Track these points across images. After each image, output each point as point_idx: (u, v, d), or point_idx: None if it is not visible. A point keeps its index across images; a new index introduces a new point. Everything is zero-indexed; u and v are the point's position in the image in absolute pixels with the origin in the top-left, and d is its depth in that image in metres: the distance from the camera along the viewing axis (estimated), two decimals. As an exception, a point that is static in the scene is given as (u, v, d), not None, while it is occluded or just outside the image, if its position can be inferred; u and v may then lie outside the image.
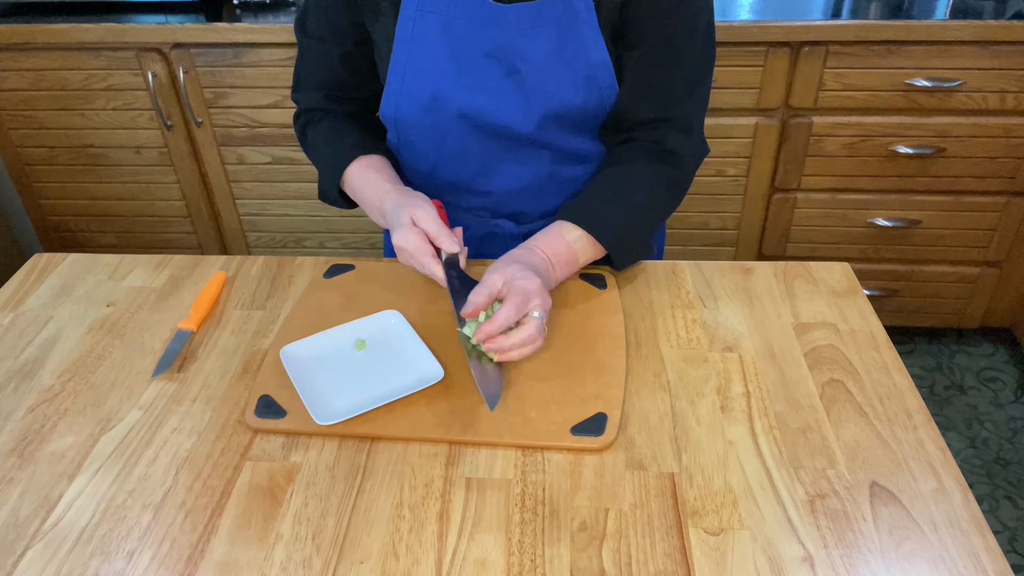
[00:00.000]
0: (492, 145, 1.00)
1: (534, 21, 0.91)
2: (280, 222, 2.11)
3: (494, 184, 1.04)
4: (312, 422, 0.81)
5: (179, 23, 1.78)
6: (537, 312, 0.83)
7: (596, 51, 0.92)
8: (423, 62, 0.95)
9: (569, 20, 0.91)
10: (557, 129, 0.98)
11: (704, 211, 1.99)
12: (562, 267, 0.94)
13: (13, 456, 0.81)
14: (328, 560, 0.69)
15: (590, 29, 0.91)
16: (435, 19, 0.92)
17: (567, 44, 0.92)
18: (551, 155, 1.02)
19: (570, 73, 0.93)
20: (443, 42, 0.93)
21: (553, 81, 0.93)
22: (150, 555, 0.70)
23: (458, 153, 1.01)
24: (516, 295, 0.82)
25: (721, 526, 0.71)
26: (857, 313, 0.96)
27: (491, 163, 1.02)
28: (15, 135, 1.99)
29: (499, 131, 0.98)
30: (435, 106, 0.96)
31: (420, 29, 0.93)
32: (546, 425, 0.80)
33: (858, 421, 0.81)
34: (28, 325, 0.99)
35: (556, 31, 0.91)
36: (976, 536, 0.70)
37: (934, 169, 1.86)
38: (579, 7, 0.90)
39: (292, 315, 0.97)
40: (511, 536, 0.71)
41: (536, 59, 0.92)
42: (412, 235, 0.89)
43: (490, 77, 0.94)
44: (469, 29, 0.92)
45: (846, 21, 1.68)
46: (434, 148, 1.02)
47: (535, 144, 1.00)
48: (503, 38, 0.92)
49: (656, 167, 0.98)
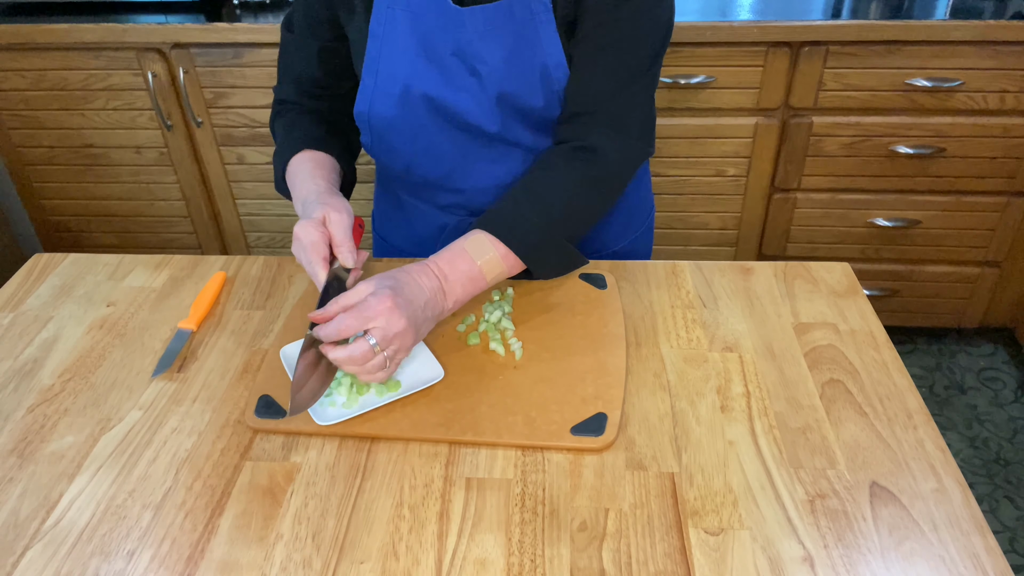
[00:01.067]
0: (464, 142, 1.00)
1: (490, 24, 0.90)
2: (280, 222, 2.11)
3: (468, 182, 1.04)
4: (312, 422, 0.81)
5: (179, 23, 1.78)
6: (372, 339, 0.78)
7: (552, 52, 0.92)
8: (394, 58, 0.95)
9: (525, 21, 0.90)
10: (523, 129, 0.98)
11: (704, 211, 1.99)
12: (462, 284, 0.88)
13: (13, 456, 0.81)
14: (328, 560, 0.69)
15: (547, 29, 0.90)
16: (404, 16, 0.93)
17: (523, 46, 0.91)
18: (522, 154, 1.01)
19: (526, 75, 0.93)
20: (412, 39, 0.94)
21: (510, 83, 0.93)
22: (150, 555, 0.70)
23: (430, 150, 1.01)
24: (354, 312, 0.79)
25: (721, 526, 0.71)
26: (857, 313, 0.96)
27: (464, 161, 1.02)
28: (15, 135, 1.99)
29: (468, 127, 0.97)
30: (406, 101, 0.96)
31: (391, 25, 0.94)
32: (546, 425, 0.80)
33: (858, 421, 0.81)
34: (28, 325, 0.99)
35: (511, 32, 0.91)
36: (976, 536, 0.70)
37: (934, 169, 1.86)
38: (536, 8, 0.90)
39: (292, 315, 0.97)
40: (511, 536, 0.71)
41: (493, 61, 0.92)
42: (315, 231, 0.86)
43: (456, 74, 0.94)
44: (434, 28, 0.92)
45: (846, 21, 1.68)
46: (407, 145, 1.01)
47: (505, 142, 0.99)
48: (462, 40, 0.92)
49: (573, 166, 0.93)
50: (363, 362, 0.79)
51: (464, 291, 0.88)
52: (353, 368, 0.79)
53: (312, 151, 1.02)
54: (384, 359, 0.80)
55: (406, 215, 1.14)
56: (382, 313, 0.79)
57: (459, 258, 0.88)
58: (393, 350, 0.80)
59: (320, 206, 0.89)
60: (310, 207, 0.90)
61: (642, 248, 1.20)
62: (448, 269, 0.87)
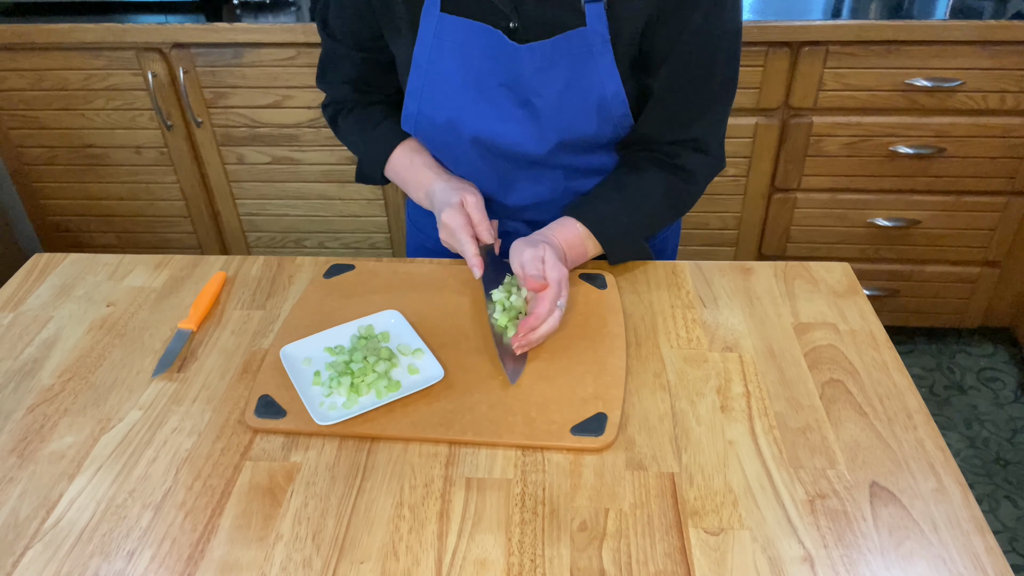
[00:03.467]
0: (507, 166, 1.01)
1: (548, 59, 0.91)
2: (280, 222, 2.11)
3: (510, 200, 1.07)
4: (312, 422, 0.81)
5: (179, 23, 1.78)
6: (561, 302, 0.88)
7: (610, 84, 0.92)
8: (439, 88, 0.96)
9: (583, 55, 0.90)
10: (571, 153, 1.00)
11: (704, 211, 1.99)
12: (573, 259, 0.98)
13: (13, 456, 0.81)
14: (328, 560, 0.69)
15: (605, 61, 0.91)
16: (452, 47, 0.93)
17: (580, 78, 0.92)
18: (564, 172, 1.03)
19: (583, 106, 0.94)
20: (459, 70, 0.94)
21: (566, 114, 0.94)
22: (150, 555, 0.70)
23: (473, 173, 1.04)
24: (553, 290, 0.87)
25: (721, 526, 0.71)
26: (857, 313, 0.96)
27: (506, 181, 1.04)
28: (15, 135, 1.99)
29: (513, 156, 0.99)
30: (451, 130, 0.98)
31: (436, 55, 0.94)
32: (546, 425, 0.80)
33: (858, 421, 0.81)
34: (28, 325, 0.99)
35: (569, 66, 0.91)
36: (976, 536, 0.70)
37: (934, 169, 1.86)
38: (594, 41, 0.90)
39: (292, 315, 0.97)
40: (511, 536, 0.71)
41: (549, 95, 0.93)
42: (460, 216, 0.95)
43: (504, 105, 0.95)
44: (484, 59, 0.92)
45: (846, 21, 1.68)
46: (450, 166, 1.06)
47: (548, 165, 1.01)
48: (516, 72, 0.92)
49: (665, 178, 0.99)
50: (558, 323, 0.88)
51: (573, 264, 0.99)
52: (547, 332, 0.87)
53: (410, 141, 1.07)
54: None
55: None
56: (566, 283, 0.89)
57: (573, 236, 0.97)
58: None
59: (455, 192, 0.98)
60: (444, 195, 0.99)
61: (669, 247, 1.21)
62: (566, 244, 0.96)
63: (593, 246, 0.99)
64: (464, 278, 1.01)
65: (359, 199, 2.04)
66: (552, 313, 0.87)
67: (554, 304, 0.87)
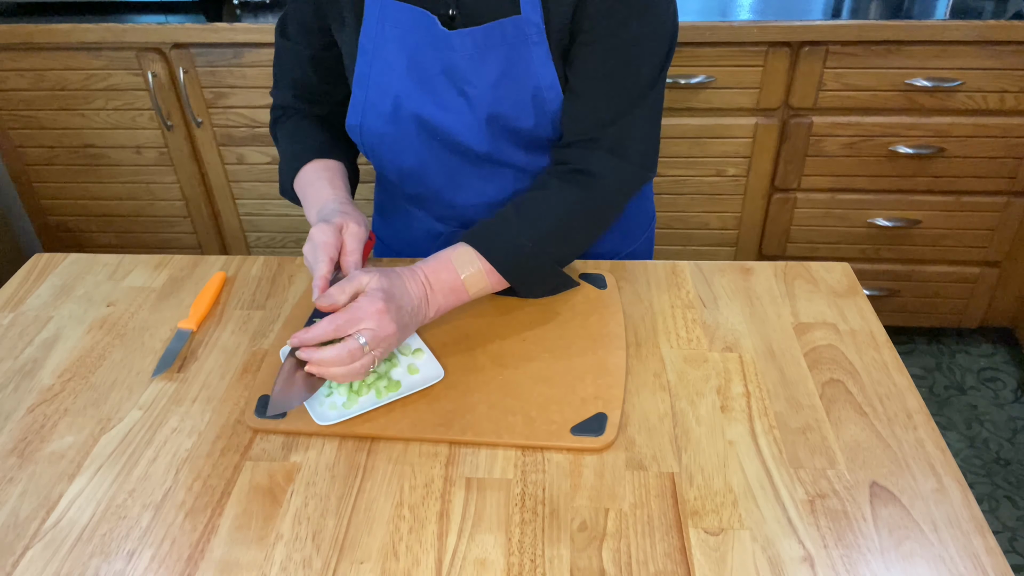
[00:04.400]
0: (454, 161, 0.99)
1: (480, 46, 0.89)
2: (280, 222, 2.11)
3: (459, 198, 1.04)
4: (312, 422, 0.81)
5: (179, 23, 1.78)
6: (362, 338, 0.78)
7: (545, 75, 0.91)
8: (384, 74, 0.95)
9: (518, 43, 0.89)
10: (514, 149, 0.97)
11: (704, 211, 1.99)
12: (444, 295, 0.88)
13: (13, 456, 0.81)
14: (328, 560, 0.69)
15: (540, 51, 0.89)
16: (394, 32, 0.92)
17: (515, 68, 0.90)
18: (513, 173, 1.00)
19: (518, 96, 0.92)
20: (401, 56, 0.93)
21: (501, 104, 0.92)
22: (150, 555, 0.70)
23: (421, 167, 1.01)
24: (346, 312, 0.79)
25: (721, 526, 0.71)
26: (857, 313, 0.96)
27: (455, 178, 1.01)
28: (15, 135, 1.99)
29: (457, 147, 0.97)
30: (397, 117, 0.96)
31: (381, 41, 0.93)
32: (546, 425, 0.80)
33: (858, 421, 0.81)
34: (28, 325, 0.99)
35: (503, 54, 0.90)
36: (976, 536, 0.70)
37: (934, 169, 1.86)
38: (529, 30, 0.88)
39: (292, 315, 0.97)
40: (511, 536, 0.71)
41: (481, 84, 0.91)
42: (331, 234, 0.86)
43: (444, 94, 0.94)
44: (423, 47, 0.92)
45: (846, 21, 1.68)
46: (398, 160, 1.02)
47: (495, 162, 0.99)
48: (451, 60, 0.91)
49: (568, 189, 0.92)
50: (351, 361, 0.79)
51: (447, 301, 0.89)
52: (337, 369, 0.79)
53: (324, 160, 1.01)
54: (372, 359, 0.80)
55: (403, 219, 1.15)
56: (373, 315, 0.79)
57: (444, 269, 0.88)
58: (379, 351, 0.81)
59: (341, 215, 0.90)
60: (329, 214, 0.91)
61: (645, 240, 1.20)
62: (433, 279, 0.88)
63: (476, 281, 0.89)
64: (464, 278, 1.01)
65: (358, 199, 2.04)
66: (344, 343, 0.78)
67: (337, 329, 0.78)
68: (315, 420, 0.81)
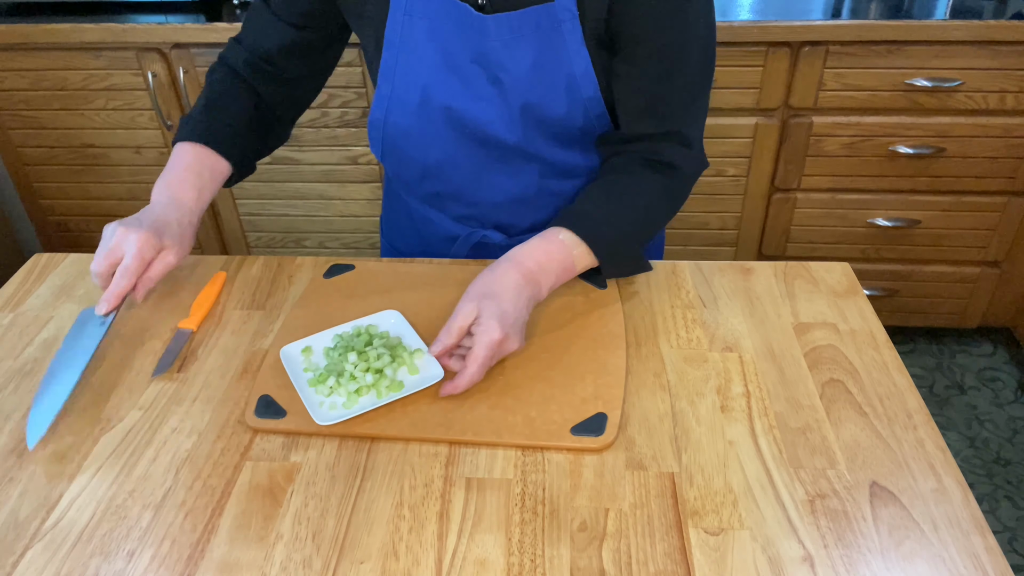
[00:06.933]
0: (480, 155, 0.99)
1: (514, 31, 0.89)
2: (280, 222, 2.11)
3: (482, 195, 1.04)
4: (312, 422, 0.81)
5: (179, 23, 1.78)
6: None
7: (579, 61, 0.91)
8: (412, 65, 0.94)
9: (551, 30, 0.89)
10: (543, 141, 0.98)
11: (704, 211, 1.99)
12: (557, 275, 0.91)
13: (13, 456, 0.81)
14: (328, 560, 0.69)
15: (574, 38, 0.90)
16: (423, 23, 0.92)
17: (548, 55, 0.91)
18: (539, 168, 1.01)
19: (551, 84, 0.92)
20: (431, 46, 0.93)
21: (534, 92, 0.93)
22: (150, 555, 0.70)
23: (445, 162, 1.01)
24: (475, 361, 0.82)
25: (721, 526, 0.71)
26: (857, 313, 0.96)
27: (479, 173, 1.01)
28: (15, 135, 1.99)
29: (486, 139, 0.97)
30: (424, 109, 0.96)
31: (408, 33, 0.93)
32: (546, 425, 0.80)
33: (858, 421, 0.81)
34: (28, 325, 0.99)
35: (536, 41, 0.90)
36: (976, 536, 0.70)
37: (934, 169, 1.86)
38: (563, 17, 0.89)
39: (292, 315, 0.97)
40: (511, 536, 0.71)
41: (516, 70, 0.91)
42: (150, 252, 0.90)
43: (476, 83, 0.93)
44: (454, 35, 0.91)
45: (846, 21, 1.68)
46: (421, 156, 1.01)
47: (522, 156, 0.99)
48: (485, 46, 0.91)
49: (654, 177, 0.95)
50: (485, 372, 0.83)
51: (558, 280, 0.92)
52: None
53: (218, 155, 1.01)
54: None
55: (414, 224, 1.14)
56: (496, 345, 0.82)
57: (555, 249, 0.91)
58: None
59: (173, 236, 0.93)
60: (166, 225, 0.93)
61: (656, 245, 1.20)
62: (545, 260, 0.90)
63: (582, 259, 0.93)
64: (463, 278, 1.01)
65: (359, 199, 2.04)
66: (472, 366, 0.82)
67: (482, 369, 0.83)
68: (315, 420, 0.81)
